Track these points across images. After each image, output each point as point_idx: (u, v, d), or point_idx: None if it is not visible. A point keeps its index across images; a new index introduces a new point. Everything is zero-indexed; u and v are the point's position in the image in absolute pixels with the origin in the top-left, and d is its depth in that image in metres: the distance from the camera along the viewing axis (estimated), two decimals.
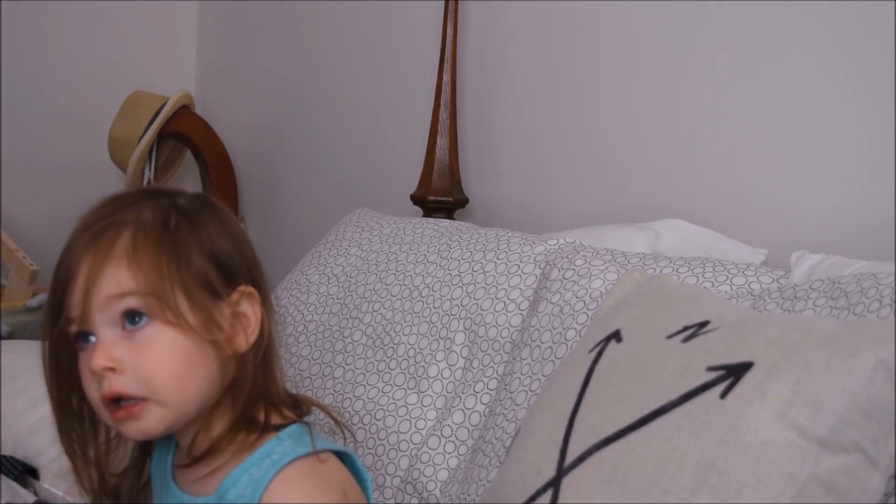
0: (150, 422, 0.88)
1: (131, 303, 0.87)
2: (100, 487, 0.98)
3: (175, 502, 0.96)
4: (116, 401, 0.88)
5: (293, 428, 0.93)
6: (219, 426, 0.92)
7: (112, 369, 0.87)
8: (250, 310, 0.92)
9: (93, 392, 0.89)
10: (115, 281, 0.87)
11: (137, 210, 0.91)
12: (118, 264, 0.87)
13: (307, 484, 0.89)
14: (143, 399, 0.87)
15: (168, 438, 1.01)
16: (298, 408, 0.97)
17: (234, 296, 0.91)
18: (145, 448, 1.03)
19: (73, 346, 0.90)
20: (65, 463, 1.23)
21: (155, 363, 0.87)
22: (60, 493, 1.21)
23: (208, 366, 0.89)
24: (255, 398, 0.92)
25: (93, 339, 0.88)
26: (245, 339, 0.91)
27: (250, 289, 0.92)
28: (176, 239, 0.90)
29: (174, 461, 1.00)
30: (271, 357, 0.94)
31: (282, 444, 0.90)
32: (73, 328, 0.89)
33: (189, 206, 0.94)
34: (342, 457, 0.96)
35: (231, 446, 0.91)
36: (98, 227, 0.90)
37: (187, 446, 0.94)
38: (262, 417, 0.93)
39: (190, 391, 0.89)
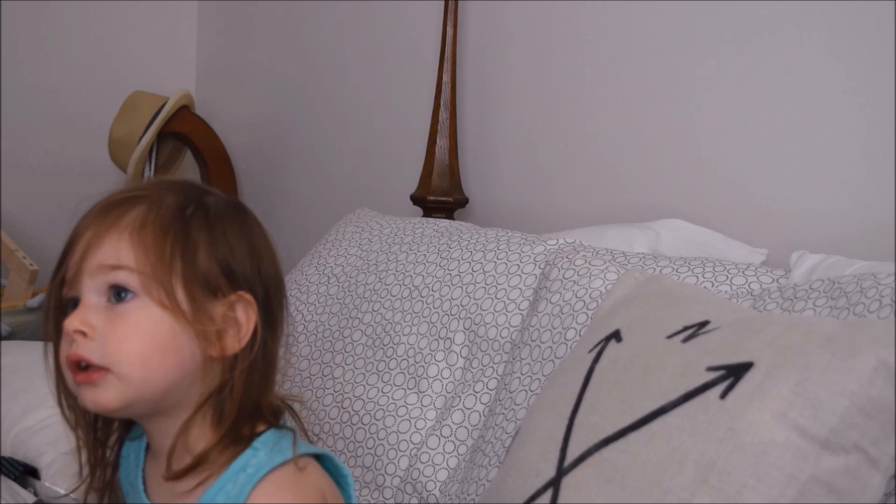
0: (106, 394, 0.85)
1: (120, 277, 0.85)
2: (91, 453, 0.96)
3: None
4: (84, 367, 0.86)
5: (268, 435, 0.90)
6: (201, 438, 0.89)
7: (83, 333, 0.85)
8: (244, 316, 0.89)
9: (62, 353, 0.88)
10: (113, 251, 0.86)
11: (160, 192, 0.90)
12: (120, 236, 0.86)
13: (286, 495, 0.86)
14: (105, 369, 0.85)
15: (139, 442, 0.97)
16: (281, 414, 0.94)
17: (232, 297, 0.88)
18: (121, 433, 0.99)
19: (65, 309, 0.89)
20: (65, 462, 1.23)
21: (125, 337, 0.85)
22: (62, 491, 1.21)
23: (181, 357, 0.86)
24: (245, 412, 0.89)
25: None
26: (233, 344, 0.88)
27: (248, 296, 0.89)
28: (187, 228, 0.88)
29: (145, 472, 0.96)
30: (269, 373, 0.92)
31: (257, 456, 0.88)
32: (66, 292, 0.88)
33: (214, 205, 0.91)
34: (322, 458, 0.94)
35: (214, 463, 0.88)
36: (115, 199, 0.89)
37: (164, 455, 0.90)
38: (247, 430, 0.90)
39: (153, 375, 0.85)
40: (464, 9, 1.90)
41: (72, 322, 0.85)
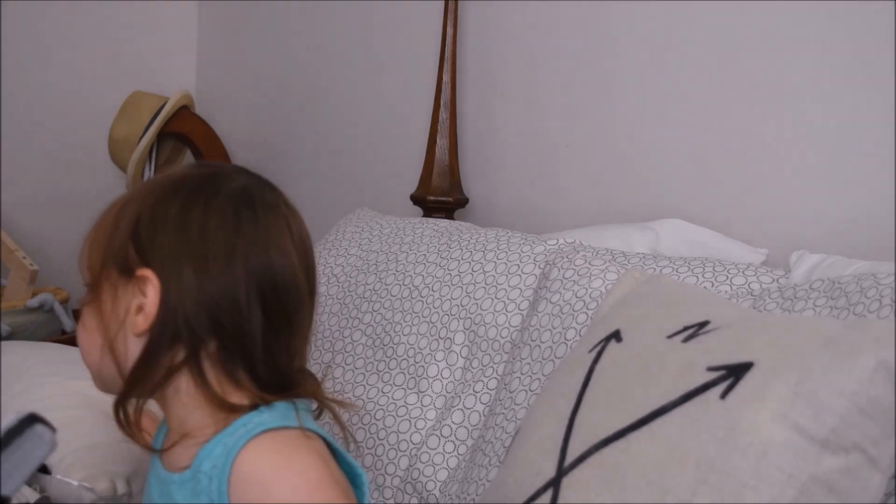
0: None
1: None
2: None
3: (158, 479, 0.95)
4: None
5: (279, 405, 0.90)
6: (189, 416, 0.90)
7: None
8: (147, 292, 0.88)
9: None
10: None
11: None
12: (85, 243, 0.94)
13: (282, 449, 0.86)
14: None
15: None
16: (297, 390, 0.93)
17: (141, 272, 0.88)
18: None
19: None
20: (76, 458, 1.23)
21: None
22: (75, 483, 1.21)
23: (104, 338, 0.90)
24: (226, 389, 0.89)
25: None
26: (141, 320, 0.88)
27: (147, 272, 0.88)
28: (110, 209, 0.93)
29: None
30: (249, 344, 0.89)
31: (260, 416, 0.88)
32: None
33: (161, 182, 0.94)
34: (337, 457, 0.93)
35: (205, 426, 0.89)
36: None
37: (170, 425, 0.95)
38: (237, 399, 0.89)
39: (90, 359, 0.93)
40: (464, 9, 1.90)
41: None
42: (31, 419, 0.82)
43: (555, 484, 0.88)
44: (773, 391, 0.80)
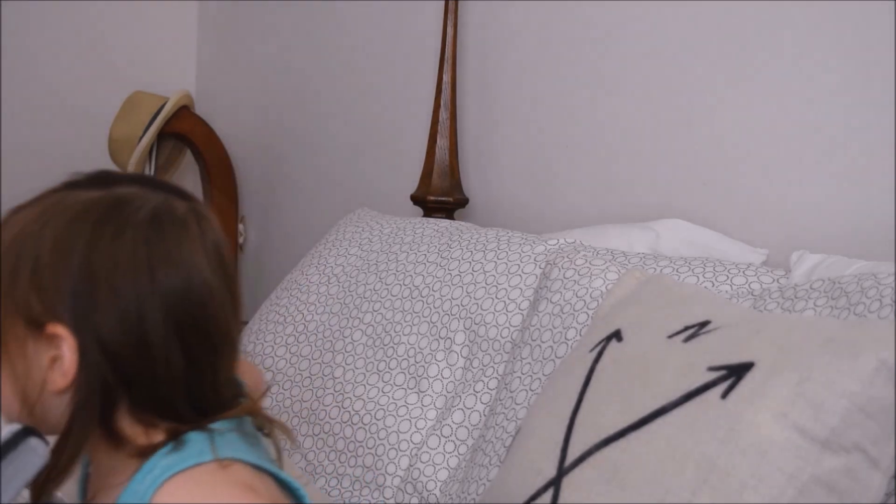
0: None
1: None
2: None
3: None
4: None
5: (191, 438, 0.82)
6: (94, 450, 0.84)
7: None
8: (62, 350, 0.80)
9: None
10: None
11: None
12: None
13: (196, 491, 0.79)
14: None
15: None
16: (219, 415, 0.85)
17: (52, 329, 0.79)
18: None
19: None
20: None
21: None
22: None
23: (23, 403, 0.81)
24: (124, 431, 0.82)
25: None
26: (60, 379, 0.80)
27: (59, 329, 0.79)
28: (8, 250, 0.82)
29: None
30: (167, 389, 0.82)
31: (166, 458, 0.81)
32: None
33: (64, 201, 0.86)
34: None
35: (121, 471, 0.83)
36: None
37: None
38: (145, 438, 0.82)
39: (10, 417, 0.81)
40: (464, 9, 1.90)
41: None
42: (25, 432, 0.80)
43: (555, 484, 0.88)
44: (773, 391, 0.81)
